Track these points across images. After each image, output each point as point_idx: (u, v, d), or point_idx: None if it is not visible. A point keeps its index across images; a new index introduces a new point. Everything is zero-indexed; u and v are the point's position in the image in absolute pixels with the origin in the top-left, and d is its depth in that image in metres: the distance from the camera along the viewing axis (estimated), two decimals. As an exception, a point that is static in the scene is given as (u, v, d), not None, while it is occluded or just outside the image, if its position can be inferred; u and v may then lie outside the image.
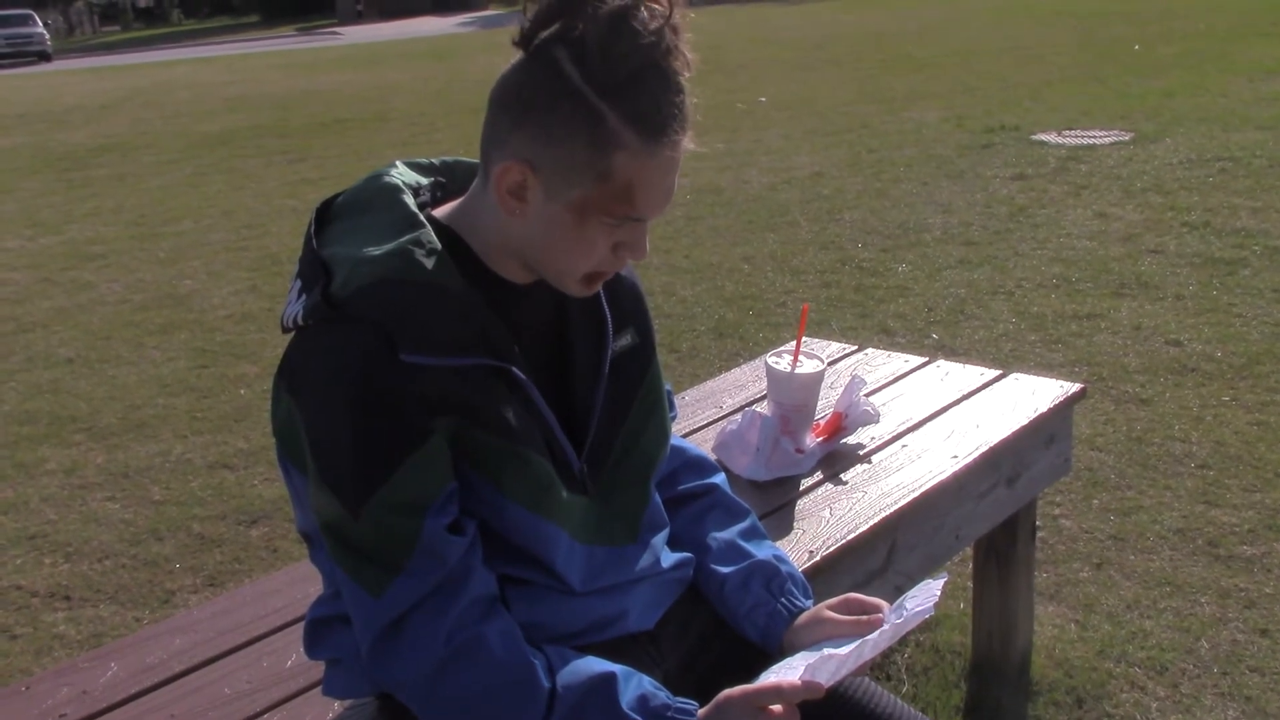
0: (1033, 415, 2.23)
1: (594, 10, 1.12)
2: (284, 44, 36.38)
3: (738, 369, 2.65)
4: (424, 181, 1.33)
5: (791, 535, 1.85)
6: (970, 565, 2.64)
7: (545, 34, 1.15)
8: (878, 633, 1.28)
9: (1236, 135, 8.28)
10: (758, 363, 2.61)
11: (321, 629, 1.38)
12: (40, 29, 39.59)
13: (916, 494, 1.96)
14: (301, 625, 1.42)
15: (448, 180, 1.36)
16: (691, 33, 1.16)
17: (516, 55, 1.19)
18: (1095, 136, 8.68)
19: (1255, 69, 11.53)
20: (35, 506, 3.83)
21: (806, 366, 2.03)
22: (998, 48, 15.90)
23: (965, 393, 2.37)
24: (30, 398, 4.90)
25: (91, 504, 3.81)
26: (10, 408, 4.79)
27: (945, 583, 1.33)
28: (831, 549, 1.81)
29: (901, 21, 22.56)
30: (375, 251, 1.20)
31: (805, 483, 2.02)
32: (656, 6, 1.13)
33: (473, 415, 1.21)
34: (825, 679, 1.22)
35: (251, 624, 1.78)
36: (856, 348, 2.69)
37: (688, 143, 1.18)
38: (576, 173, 1.16)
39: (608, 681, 1.24)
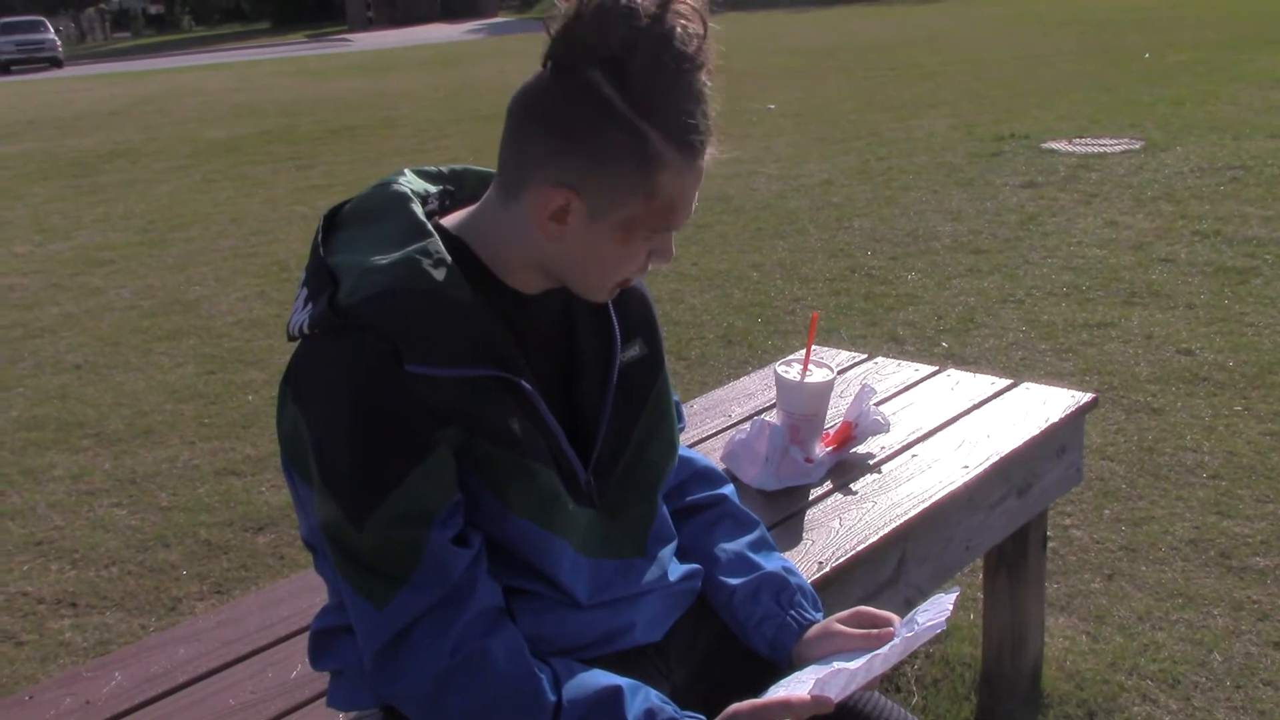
0: (1044, 425, 2.22)
1: (633, 32, 1.10)
2: (294, 51, 36.50)
3: (746, 377, 2.64)
4: (432, 190, 1.32)
5: (801, 546, 1.84)
6: (980, 576, 2.62)
7: (582, 55, 1.13)
8: (888, 647, 1.26)
9: (1247, 144, 8.25)
10: (767, 371, 2.59)
11: (326, 640, 1.37)
12: (52, 35, 39.76)
13: (927, 504, 1.95)
14: (306, 636, 1.41)
15: (456, 189, 1.35)
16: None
17: (533, 67, 1.18)
18: (1105, 145, 8.66)
19: (1266, 77, 11.51)
20: (42, 512, 3.83)
21: (816, 375, 2.02)
22: (1007, 56, 15.88)
23: (976, 402, 2.35)
24: (38, 403, 4.90)
25: (98, 510, 3.81)
26: (18, 413, 4.79)
27: (957, 597, 1.32)
28: (841, 560, 1.80)
29: (911, 29, 22.56)
30: (382, 260, 1.19)
31: (814, 493, 2.01)
32: (692, 25, 1.12)
33: (479, 427, 1.20)
34: (835, 693, 1.20)
35: (256, 634, 1.77)
36: (866, 356, 2.68)
37: (712, 150, 1.20)
38: (623, 194, 1.17)
39: (614, 695, 1.23)
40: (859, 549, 1.82)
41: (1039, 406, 2.30)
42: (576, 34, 1.12)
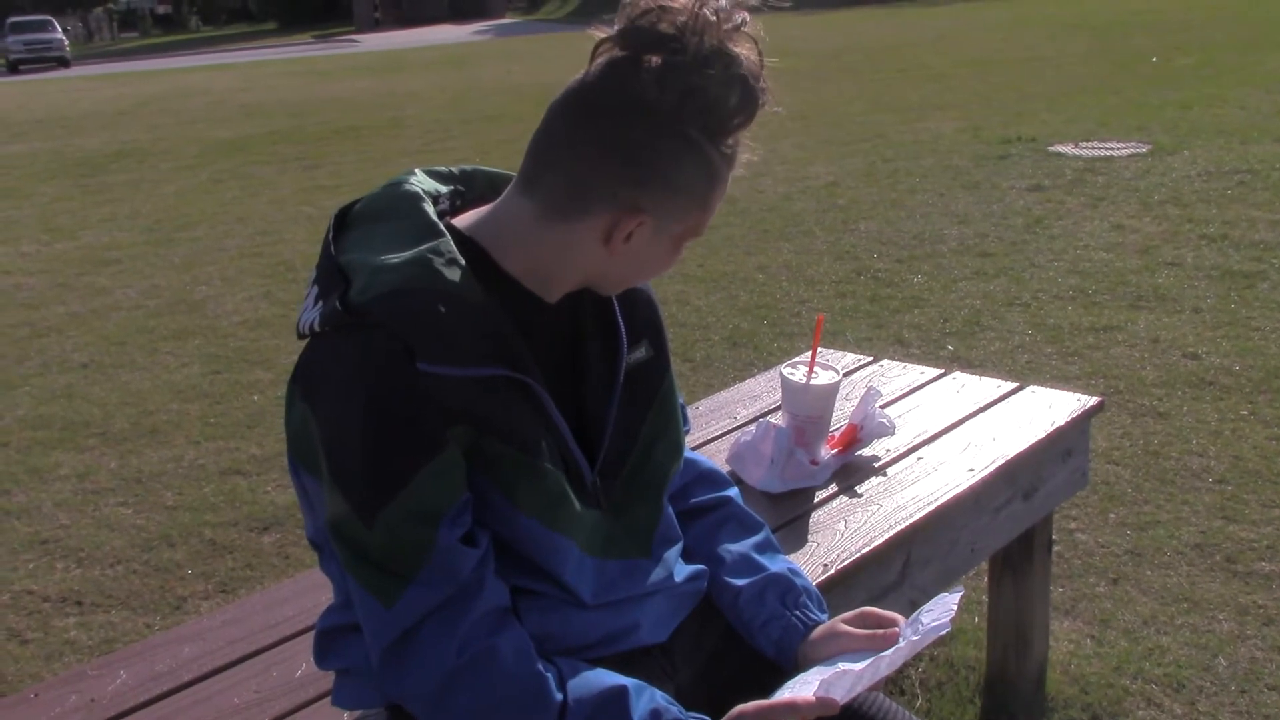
0: (1050, 428, 2.21)
1: (715, 72, 1.15)
2: (301, 51, 36.55)
3: (752, 379, 2.64)
4: (443, 190, 1.32)
5: (806, 548, 1.84)
6: (985, 579, 2.62)
7: (669, 96, 1.15)
8: (893, 650, 1.26)
9: (1255, 147, 8.24)
10: (772, 373, 2.59)
11: (331, 638, 1.37)
12: (60, 35, 39.91)
13: (932, 507, 1.95)
14: (311, 635, 1.41)
15: (466, 189, 1.35)
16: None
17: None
18: (1112, 148, 8.65)
19: (1274, 81, 11.49)
20: (48, 511, 3.84)
21: (822, 378, 2.02)
22: (1014, 58, 15.87)
23: (981, 405, 2.35)
24: (44, 402, 4.91)
25: (104, 509, 3.82)
26: (24, 412, 4.80)
27: (961, 597, 1.32)
28: (846, 562, 1.79)
29: (918, 31, 22.56)
30: (394, 259, 1.19)
31: (819, 495, 2.00)
32: (755, 58, 1.17)
33: (488, 426, 1.20)
34: (840, 695, 1.20)
35: (261, 633, 1.77)
36: (872, 359, 2.68)
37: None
38: (689, 211, 1.23)
39: (619, 695, 1.23)
40: (864, 551, 1.82)
41: (1045, 410, 2.30)
42: (669, 82, 1.15)
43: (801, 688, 1.26)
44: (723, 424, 2.35)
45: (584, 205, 1.21)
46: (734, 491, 1.59)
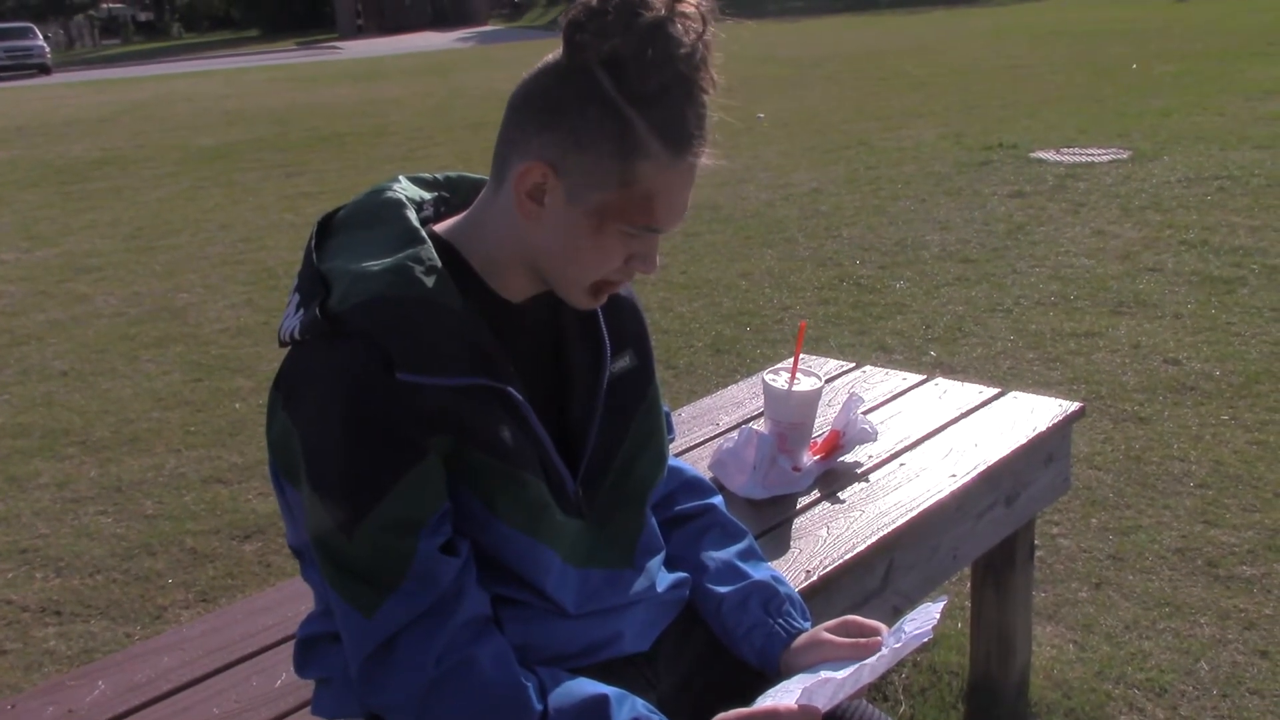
0: (1031, 434, 2.22)
1: (630, 20, 1.12)
2: (283, 58, 36.45)
3: (735, 386, 2.64)
4: (427, 197, 1.32)
5: (788, 554, 1.84)
6: (968, 584, 2.62)
7: (583, 44, 1.14)
8: (876, 657, 1.26)
9: (1234, 154, 8.29)
10: (755, 380, 2.59)
11: (312, 647, 1.36)
12: (40, 42, 39.66)
13: (914, 513, 1.95)
14: (292, 644, 1.40)
15: (450, 195, 1.35)
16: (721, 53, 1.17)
17: (522, 75, 1.19)
18: (1093, 154, 8.69)
19: (1253, 88, 11.57)
20: (27, 520, 3.81)
21: (804, 384, 2.02)
22: (996, 66, 15.95)
23: (963, 411, 2.35)
24: (24, 410, 4.88)
25: (84, 518, 3.79)
26: (3, 420, 4.76)
27: (945, 606, 1.32)
28: (829, 569, 1.79)
29: (900, 40, 22.64)
30: (374, 267, 1.19)
31: (802, 501, 2.00)
32: (692, 24, 1.13)
33: (469, 435, 1.20)
34: (822, 703, 1.20)
35: (241, 642, 1.76)
36: (854, 365, 2.68)
37: (705, 158, 1.19)
38: (600, 177, 1.16)
39: (601, 703, 1.23)
40: (846, 558, 1.82)
41: (1026, 415, 2.30)
42: (583, 25, 1.14)
43: (784, 695, 1.26)
44: (705, 430, 2.35)
45: (506, 163, 1.21)
46: (718, 499, 1.58)
